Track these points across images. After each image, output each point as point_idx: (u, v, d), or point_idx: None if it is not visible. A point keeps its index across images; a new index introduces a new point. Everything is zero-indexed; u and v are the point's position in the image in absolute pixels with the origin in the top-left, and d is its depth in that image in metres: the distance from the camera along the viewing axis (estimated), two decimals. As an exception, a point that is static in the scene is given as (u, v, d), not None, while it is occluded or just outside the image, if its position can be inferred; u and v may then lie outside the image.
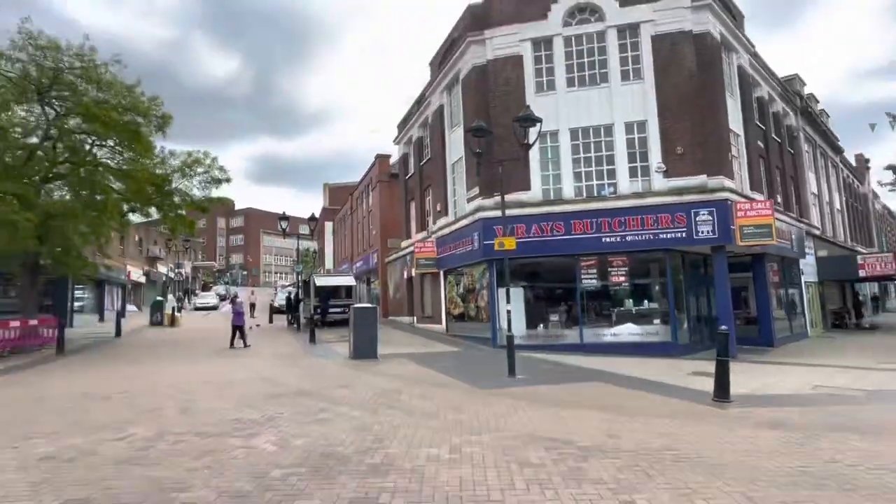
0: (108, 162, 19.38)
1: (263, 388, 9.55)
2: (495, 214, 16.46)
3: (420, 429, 6.29)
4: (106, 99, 17.25)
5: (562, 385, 9.58)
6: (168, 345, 18.52)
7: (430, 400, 8.15)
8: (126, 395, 8.96)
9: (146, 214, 21.52)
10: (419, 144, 24.83)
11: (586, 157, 16.66)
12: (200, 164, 20.73)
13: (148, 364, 13.59)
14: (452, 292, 20.01)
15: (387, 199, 32.70)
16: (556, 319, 16.58)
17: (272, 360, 14.05)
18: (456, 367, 11.94)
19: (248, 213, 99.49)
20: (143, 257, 44.07)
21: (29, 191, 16.64)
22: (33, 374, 12.20)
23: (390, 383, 9.79)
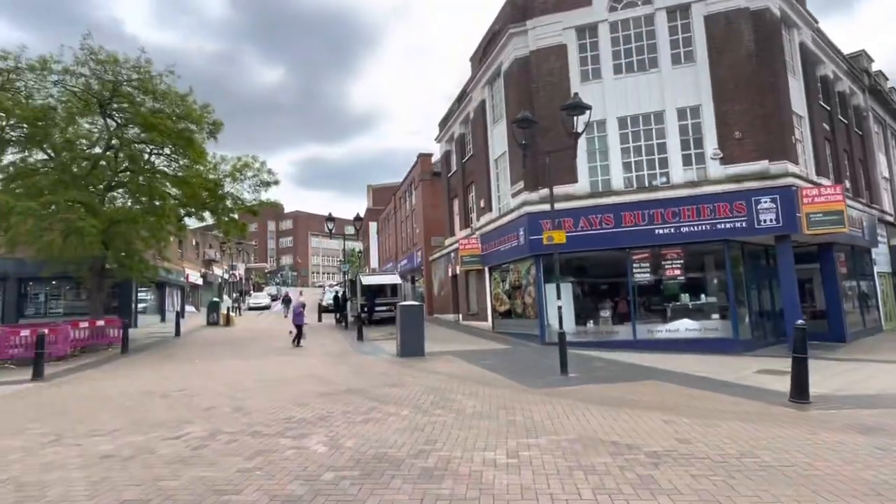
0: (165, 169, 20.24)
1: (314, 386, 9.59)
2: (541, 209, 16.03)
3: (473, 430, 6.06)
4: (161, 108, 17.97)
5: (618, 384, 9.11)
6: (223, 344, 19.12)
7: (481, 399, 7.91)
8: (183, 394, 9.19)
9: (201, 218, 22.34)
10: (461, 141, 24.60)
11: (636, 147, 15.94)
12: (250, 167, 21.35)
13: (205, 363, 14.02)
14: (498, 289, 19.68)
15: (429, 198, 32.66)
16: (607, 315, 15.97)
17: (322, 357, 14.19)
18: (504, 365, 11.64)
19: (296, 216, 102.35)
20: (199, 260, 46.02)
21: (93, 199, 17.55)
22: (100, 373, 12.79)
23: (439, 381, 9.62)
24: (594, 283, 16.43)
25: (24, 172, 16.66)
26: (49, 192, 15.23)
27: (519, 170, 17.11)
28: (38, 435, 6.53)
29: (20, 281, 27.74)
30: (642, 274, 15.45)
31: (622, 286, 15.78)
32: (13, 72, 15.90)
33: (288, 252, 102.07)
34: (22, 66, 15.99)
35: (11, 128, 16.47)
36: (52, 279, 27.95)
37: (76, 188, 16.34)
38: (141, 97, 17.55)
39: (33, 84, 16.58)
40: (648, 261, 15.42)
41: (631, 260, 15.49)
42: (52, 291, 28.80)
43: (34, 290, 28.58)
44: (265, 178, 21.19)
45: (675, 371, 10.54)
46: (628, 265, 15.49)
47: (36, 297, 28.57)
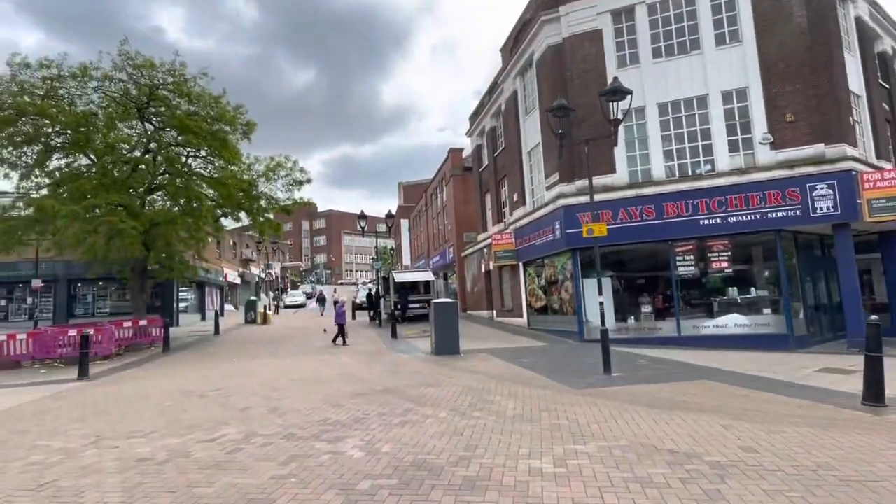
0: (202, 171, 20.61)
1: (349, 385, 9.44)
2: (578, 201, 15.51)
3: (515, 434, 5.73)
4: (196, 111, 18.26)
5: (666, 384, 8.60)
6: (260, 342, 19.35)
7: (521, 400, 7.56)
8: (220, 393, 9.19)
9: (236, 219, 22.68)
10: (492, 135, 24.16)
11: (677, 134, 15.19)
12: (282, 167, 21.54)
13: (242, 361, 14.14)
14: (533, 285, 19.22)
15: (461, 193, 32.34)
16: (648, 311, 15.33)
17: (356, 356, 14.10)
18: (543, 364, 11.24)
19: (329, 215, 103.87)
20: (237, 260, 47.09)
21: (134, 201, 18.00)
22: (142, 371, 13.05)
23: (476, 381, 9.31)
24: (634, 277, 15.79)
25: (69, 177, 17.20)
26: (91, 196, 15.65)
27: (554, 161, 16.60)
28: (79, 436, 6.56)
29: (69, 282, 28.91)
30: (686, 267, 14.73)
31: (665, 280, 15.11)
32: (56, 80, 16.39)
33: (322, 251, 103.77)
34: (64, 73, 16.48)
35: (57, 134, 17.02)
36: (98, 280, 29.03)
37: (117, 191, 16.76)
38: (176, 100, 17.87)
39: (75, 91, 17.09)
40: (693, 253, 14.69)
41: (674, 252, 14.79)
42: (99, 292, 29.92)
43: (83, 291, 29.74)
44: (297, 176, 21.36)
45: (726, 370, 9.92)
46: (671, 258, 14.80)
47: (84, 298, 29.73)
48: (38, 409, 8.57)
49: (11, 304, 29.05)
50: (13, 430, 7.09)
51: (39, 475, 5.03)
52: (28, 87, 15.91)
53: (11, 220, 15.94)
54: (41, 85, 16.21)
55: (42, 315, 28.83)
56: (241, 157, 20.12)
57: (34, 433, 6.87)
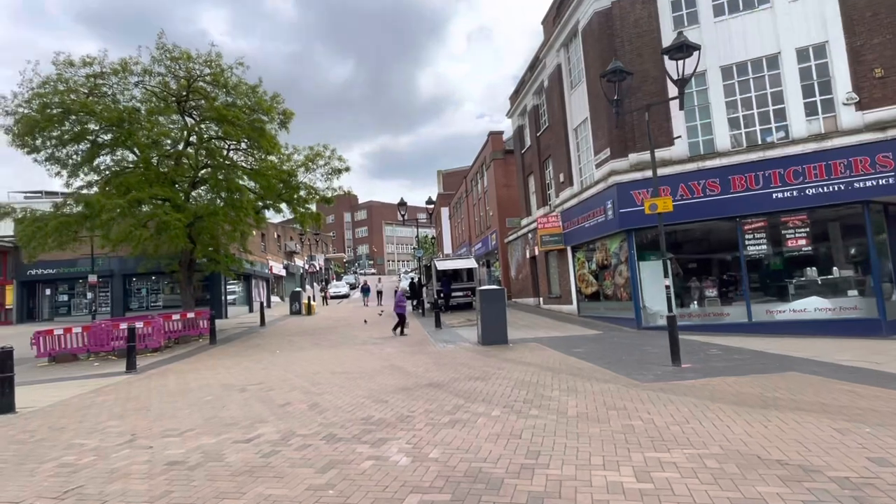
0: (243, 164, 20.59)
1: (393, 379, 8.90)
2: (632, 178, 14.38)
3: (582, 438, 4.97)
4: (234, 101, 18.13)
5: (748, 377, 7.58)
6: (304, 333, 19.23)
7: (583, 396, 6.77)
8: (261, 388, 8.84)
9: (278, 210, 22.62)
10: (534, 114, 23.05)
11: (744, 99, 13.76)
12: (321, 156, 21.24)
13: (285, 353, 13.92)
14: (583, 270, 18.18)
15: (502, 177, 31.36)
16: (713, 295, 14.09)
17: (400, 346, 13.61)
18: (601, 354, 10.35)
19: (370, 206, 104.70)
20: (282, 252, 47.85)
21: (178, 195, 18.11)
22: (187, 364, 13.00)
23: (529, 374, 8.57)
24: (696, 258, 14.52)
25: (116, 174, 17.47)
26: (136, 190, 15.77)
27: (604, 136, 15.47)
28: (115, 434, 6.28)
29: (125, 277, 29.96)
30: (757, 246, 13.38)
31: (731, 261, 13.80)
32: (99, 76, 16.56)
33: (364, 241, 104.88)
34: (106, 70, 16.62)
35: (102, 131, 17.27)
36: (151, 275, 29.93)
37: (160, 185, 16.85)
38: (214, 92, 17.75)
39: (117, 87, 17.25)
40: (764, 230, 13.31)
41: (742, 230, 13.46)
42: (152, 286, 30.90)
43: (137, 285, 30.78)
44: (336, 165, 21.01)
45: (815, 360, 8.75)
46: (739, 236, 13.48)
47: (139, 292, 30.77)
48: (83, 404, 8.46)
49: (74, 300, 30.41)
50: (54, 427, 6.91)
51: (67, 480, 4.69)
52: (73, 84, 16.14)
53: (63, 216, 16.30)
54: (85, 82, 16.43)
55: (101, 309, 30.09)
56: (279, 148, 19.94)
57: (72, 430, 6.65)
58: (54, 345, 15.82)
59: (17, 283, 29.50)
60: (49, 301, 30.52)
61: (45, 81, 15.72)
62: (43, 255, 28.86)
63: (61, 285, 30.47)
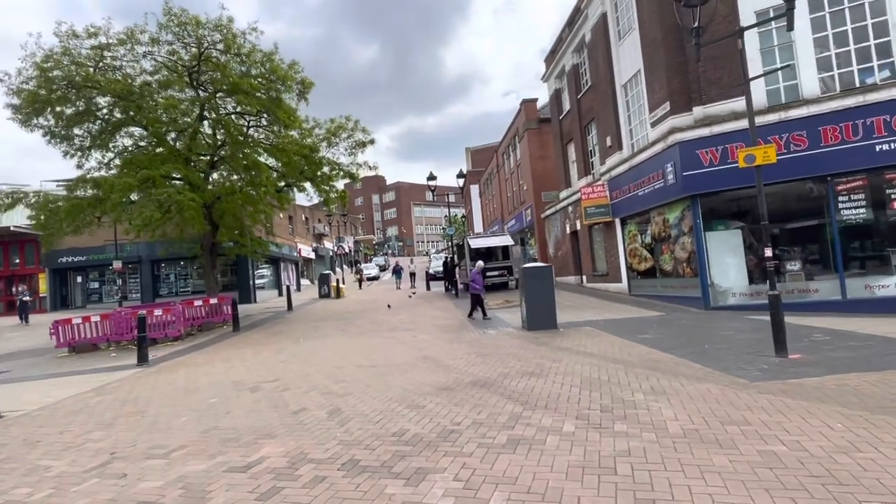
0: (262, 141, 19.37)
1: (429, 374, 7.49)
2: (698, 134, 12.43)
3: (710, 475, 3.42)
4: (248, 70, 16.81)
5: (891, 372, 5.83)
6: (331, 318, 18.10)
7: (678, 402, 5.20)
8: (276, 386, 7.57)
9: (301, 189, 21.38)
10: (574, 74, 20.96)
11: (838, 34, 11.54)
12: (344, 129, 19.81)
13: (309, 341, 12.73)
14: (634, 243, 16.33)
15: (537, 149, 29.35)
16: (797, 268, 12.12)
17: (434, 333, 12.22)
18: (675, 341, 8.69)
19: (398, 187, 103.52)
20: (310, 235, 47.16)
21: (195, 174, 17.03)
22: (204, 355, 11.94)
23: (595, 368, 7.01)
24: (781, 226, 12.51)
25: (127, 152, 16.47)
26: (146, 167, 14.69)
27: (663, 88, 13.48)
28: (91, 454, 5.07)
29: (153, 263, 29.53)
30: (854, 209, 11.32)
31: (820, 228, 11.78)
32: (105, 48, 15.43)
33: (393, 223, 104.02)
34: (112, 41, 15.47)
35: (112, 107, 16.22)
36: (180, 260, 29.46)
37: (173, 163, 15.74)
38: (227, 59, 16.42)
39: (125, 60, 16.11)
40: (863, 190, 11.23)
41: (834, 191, 11.41)
42: (181, 272, 30.45)
43: (166, 271, 30.36)
44: (360, 137, 19.54)
45: (963, 347, 6.90)
46: (830, 199, 11.43)
47: (168, 278, 30.36)
48: (75, 407, 7.36)
49: (104, 286, 30.24)
50: (29, 441, 5.78)
51: (-4, 533, 3.44)
52: (78, 57, 15.06)
53: (75, 199, 15.40)
54: (91, 55, 15.32)
55: (131, 296, 29.86)
56: (299, 121, 18.56)
57: (47, 446, 5.49)
58: (73, 334, 15.07)
59: (49, 271, 29.46)
60: (81, 288, 30.46)
61: (48, 55, 14.67)
62: (72, 243, 28.77)
63: (91, 272, 30.31)
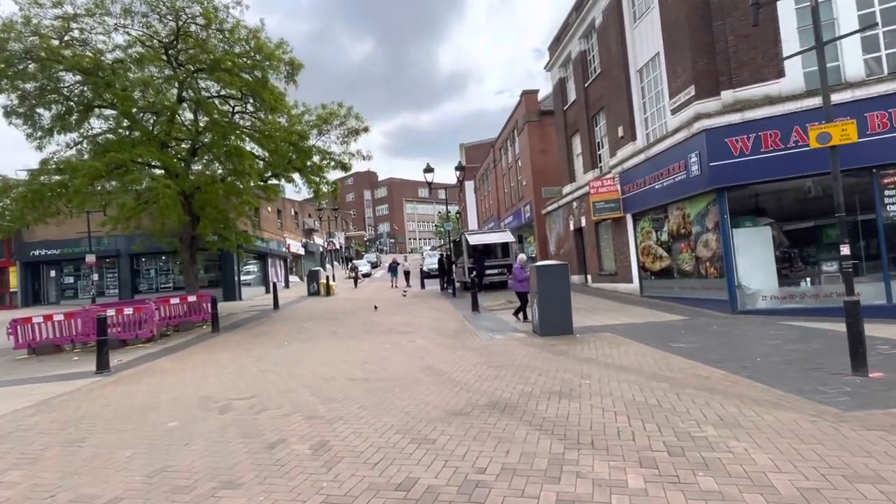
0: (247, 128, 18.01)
1: (435, 391, 6.26)
2: (726, 121, 11.30)
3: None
4: (231, 48, 15.44)
5: None
6: (321, 318, 16.79)
7: (764, 440, 4.01)
8: (250, 405, 6.29)
9: (289, 179, 20.00)
10: (581, 61, 19.77)
11: (887, 10, 10.44)
12: (335, 115, 18.52)
13: (295, 345, 11.44)
14: (648, 241, 15.20)
15: (537, 142, 28.17)
16: (832, 270, 11.04)
17: (435, 337, 10.98)
18: (716, 352, 7.53)
19: (390, 184, 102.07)
20: (300, 230, 45.65)
21: (172, 159, 15.66)
22: (174, 362, 10.60)
23: (635, 386, 5.82)
24: (808, 225, 11.44)
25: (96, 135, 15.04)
26: (115, 150, 13.27)
27: (686, 71, 12.32)
28: (-11, 508, 3.78)
29: (132, 257, 27.97)
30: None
31: (861, 226, 10.70)
32: (71, 19, 13.98)
33: (384, 219, 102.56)
34: (80, 11, 14.03)
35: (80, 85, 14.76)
36: (161, 254, 27.92)
37: (147, 146, 14.34)
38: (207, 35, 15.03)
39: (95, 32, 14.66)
40: (913, 184, 10.16)
41: (880, 184, 10.33)
42: (162, 267, 28.92)
43: (146, 266, 28.79)
44: (353, 124, 18.25)
45: None
46: (876, 192, 10.35)
47: (148, 273, 28.79)
48: (5, 429, 6.03)
49: (80, 281, 28.62)
50: (-77, 482, 4.47)
51: None
52: (41, 28, 13.59)
53: (37, 185, 13.95)
54: (56, 26, 13.86)
55: (109, 291, 28.30)
56: (286, 105, 17.22)
57: (-61, 493, 4.19)
58: (33, 335, 13.68)
59: (20, 265, 27.81)
60: (55, 283, 28.83)
61: (6, 24, 13.20)
62: (45, 234, 27.13)
63: (66, 266, 28.68)
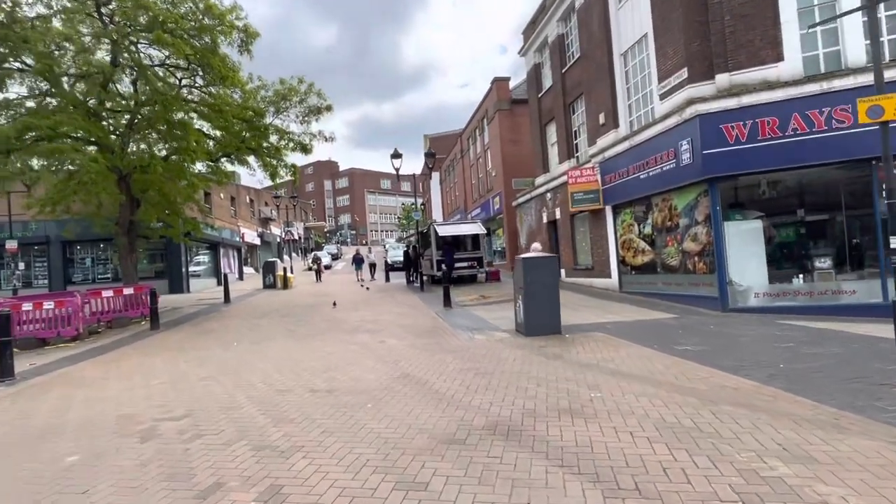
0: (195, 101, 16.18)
1: (417, 408, 5.10)
2: (722, 106, 10.59)
3: None
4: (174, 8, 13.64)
5: None
6: (277, 314, 15.28)
7: (856, 481, 3.10)
8: (183, 428, 4.95)
9: (242, 162, 18.23)
10: (559, 45, 18.88)
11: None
12: (295, 92, 16.93)
13: (245, 345, 10.01)
14: (629, 234, 14.49)
15: (508, 132, 27.31)
16: (826, 266, 10.56)
17: (408, 337, 9.80)
18: (729, 356, 6.70)
19: (351, 174, 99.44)
20: (255, 219, 43.25)
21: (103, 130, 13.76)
22: (98, 365, 9.00)
23: (658, 402, 4.86)
24: (802, 218, 10.91)
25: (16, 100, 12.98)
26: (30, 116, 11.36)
27: (678, 53, 11.55)
28: None
29: (65, 245, 25.34)
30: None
31: (857, 220, 10.25)
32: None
33: (345, 210, 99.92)
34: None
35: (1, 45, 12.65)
36: (99, 242, 25.46)
37: (75, 114, 12.45)
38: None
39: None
40: (912, 177, 9.70)
41: (879, 177, 9.83)
42: (100, 255, 26.36)
43: (81, 254, 26.19)
44: (314, 102, 16.74)
45: None
46: (874, 185, 9.86)
47: (83, 262, 26.21)
48: None
49: (2, 271, 25.71)
50: None
51: None
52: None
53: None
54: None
55: (37, 282, 25.58)
56: (240, 78, 15.52)
57: None
58: (-71, 333, 11.64)
59: (-70, 252, 24.67)
60: (-27, 273, 25.80)
61: None
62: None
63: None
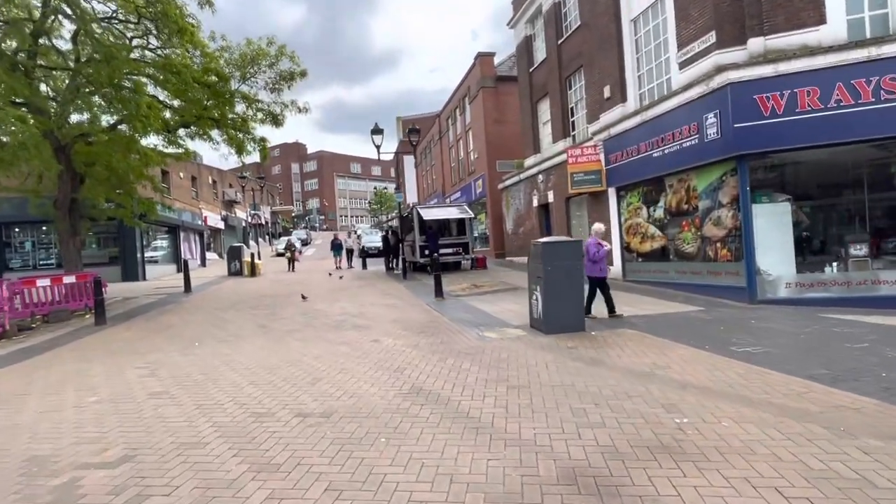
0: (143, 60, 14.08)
1: (451, 447, 3.72)
2: (757, 74, 9.44)
3: None
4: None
5: None
6: (244, 305, 13.57)
7: None
8: (113, 486, 3.43)
9: (205, 136, 16.19)
10: (554, 15, 17.48)
11: (943, -51, 8.92)
12: (265, 55, 15.02)
13: (209, 347, 8.37)
14: (636, 218, 13.37)
15: (493, 111, 25.84)
16: (862, 253, 9.65)
17: (405, 335, 8.36)
18: (803, 359, 5.56)
19: (320, 157, 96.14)
20: (219, 201, 40.64)
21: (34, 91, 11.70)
22: (18, 375, 7.22)
23: (773, 431, 3.64)
24: (836, 201, 9.96)
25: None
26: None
27: (705, 15, 10.32)
28: None
29: (1, 226, 22.69)
30: (953, 179, 8.91)
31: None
32: None
33: (314, 195, 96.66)
34: None
35: None
36: (41, 224, 22.85)
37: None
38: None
39: None
40: (965, 156, 8.83)
41: (926, 156, 8.92)
42: (42, 239, 23.74)
43: (20, 237, 23.53)
44: (287, 66, 14.89)
45: None
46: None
47: (21, 247, 23.56)
48: None
49: (-75, 256, 22.84)
50: None
51: None
52: None
53: None
54: None
55: (-32, 269, 22.83)
56: (199, 38, 13.49)
57: None
58: None
59: None
60: None
61: None
62: None
63: None
